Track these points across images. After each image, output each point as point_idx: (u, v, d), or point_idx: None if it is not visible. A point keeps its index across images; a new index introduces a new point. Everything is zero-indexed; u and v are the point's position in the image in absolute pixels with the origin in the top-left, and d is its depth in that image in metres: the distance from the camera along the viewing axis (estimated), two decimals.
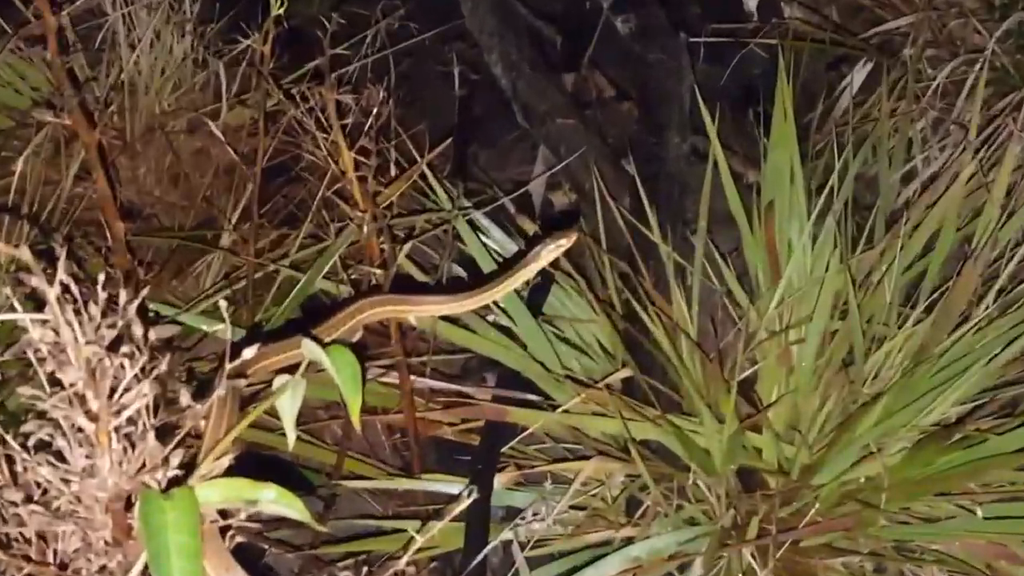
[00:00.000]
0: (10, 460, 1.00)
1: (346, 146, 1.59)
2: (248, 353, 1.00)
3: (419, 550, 1.24)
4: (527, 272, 1.35)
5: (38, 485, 0.99)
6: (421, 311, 1.41)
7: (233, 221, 2.31)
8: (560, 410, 1.87)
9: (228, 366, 0.99)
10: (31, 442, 0.97)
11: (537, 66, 2.59)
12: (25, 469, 0.98)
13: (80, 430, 0.94)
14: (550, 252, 1.34)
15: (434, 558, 1.80)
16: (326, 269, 1.99)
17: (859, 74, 2.65)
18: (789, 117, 2.03)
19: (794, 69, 2.09)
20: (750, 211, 2.06)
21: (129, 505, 0.96)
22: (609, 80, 2.85)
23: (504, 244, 2.21)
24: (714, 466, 1.81)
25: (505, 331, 2.03)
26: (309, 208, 2.23)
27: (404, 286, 1.66)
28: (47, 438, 0.96)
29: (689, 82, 2.48)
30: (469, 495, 1.73)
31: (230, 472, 0.99)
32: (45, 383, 0.94)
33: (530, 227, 2.27)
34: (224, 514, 1.00)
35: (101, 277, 0.96)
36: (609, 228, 2.19)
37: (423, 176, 2.08)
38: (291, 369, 1.03)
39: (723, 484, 1.77)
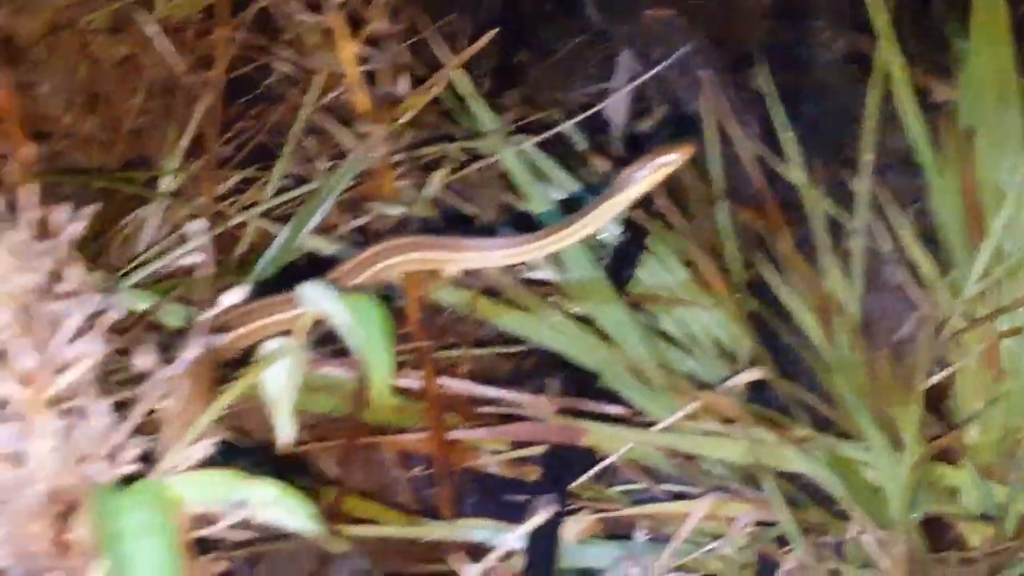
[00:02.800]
0: None
1: (347, 33, 1.60)
2: (232, 298, 1.03)
3: None
4: (617, 204, 1.36)
5: None
6: (466, 259, 1.42)
7: (178, 159, 2.35)
8: (658, 428, 1.90)
9: (204, 315, 1.03)
10: None
11: None
12: None
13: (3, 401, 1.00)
14: (651, 173, 1.34)
15: None
16: (318, 217, 2.01)
17: None
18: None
19: None
20: (940, 143, 2.08)
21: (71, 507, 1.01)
22: None
23: (569, 191, 2.24)
24: (888, 513, 1.83)
25: (577, 316, 2.06)
26: (286, 137, 2.27)
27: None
28: None
29: None
30: (525, 552, 1.77)
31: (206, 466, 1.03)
32: None
33: (607, 167, 2.30)
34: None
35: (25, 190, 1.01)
36: (729, 169, 2.22)
37: (452, 90, 2.12)
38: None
39: (902, 540, 1.79)
